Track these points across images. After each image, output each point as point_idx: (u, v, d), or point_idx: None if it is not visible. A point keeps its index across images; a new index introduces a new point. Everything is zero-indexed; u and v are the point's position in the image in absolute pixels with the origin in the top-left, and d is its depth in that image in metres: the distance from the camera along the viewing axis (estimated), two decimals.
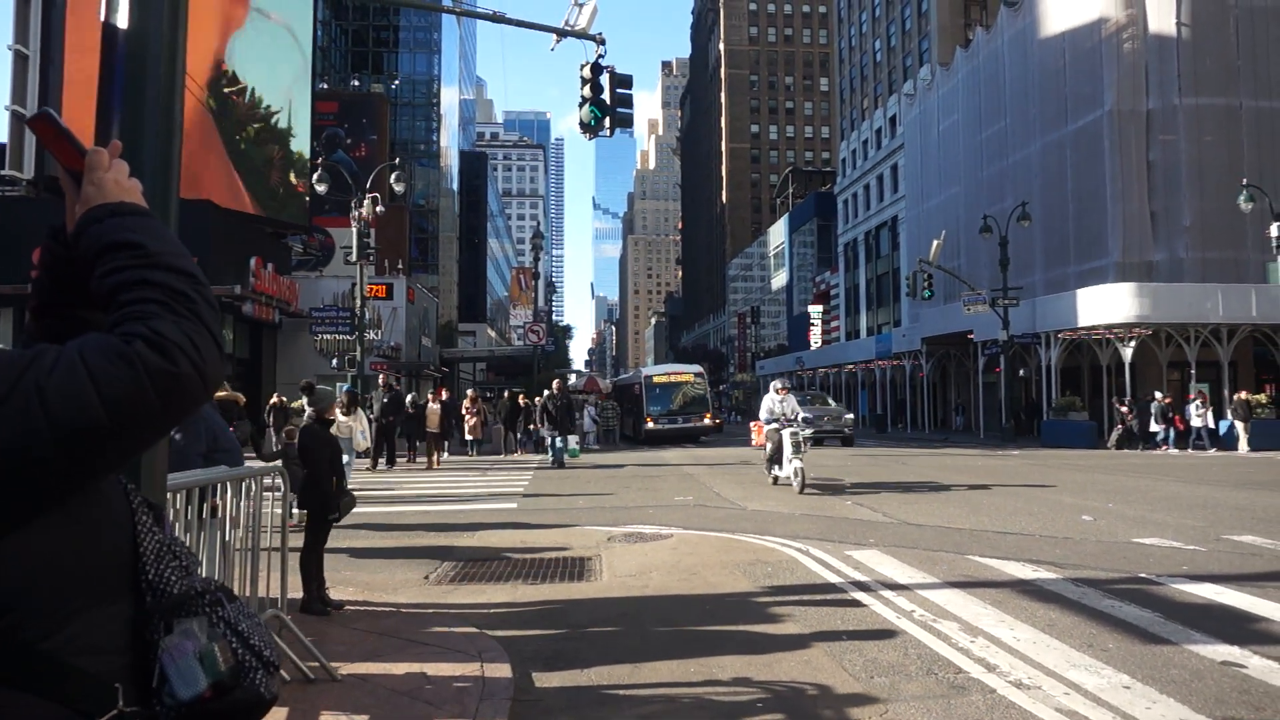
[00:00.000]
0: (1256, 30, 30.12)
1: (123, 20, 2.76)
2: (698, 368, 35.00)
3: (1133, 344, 26.15)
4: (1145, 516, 10.31)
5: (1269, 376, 26.38)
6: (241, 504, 4.74)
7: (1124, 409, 24.36)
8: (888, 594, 6.40)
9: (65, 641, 1.06)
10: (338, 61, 63.38)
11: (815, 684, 4.52)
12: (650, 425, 30.36)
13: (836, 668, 4.77)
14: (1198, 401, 23.53)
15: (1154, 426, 23.74)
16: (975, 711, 4.09)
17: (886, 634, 5.42)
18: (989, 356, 31.89)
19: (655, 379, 32.18)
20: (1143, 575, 6.95)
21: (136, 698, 1.12)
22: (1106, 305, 26.66)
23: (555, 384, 20.99)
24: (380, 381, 16.57)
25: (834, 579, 6.97)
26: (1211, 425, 23.27)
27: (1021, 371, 31.01)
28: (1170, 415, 23.65)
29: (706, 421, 31.38)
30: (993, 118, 37.79)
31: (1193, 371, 26.38)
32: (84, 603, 1.09)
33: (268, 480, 5.18)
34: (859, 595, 6.40)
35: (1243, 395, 23.06)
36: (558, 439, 19.18)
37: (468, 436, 22.72)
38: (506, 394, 26.74)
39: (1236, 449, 22.40)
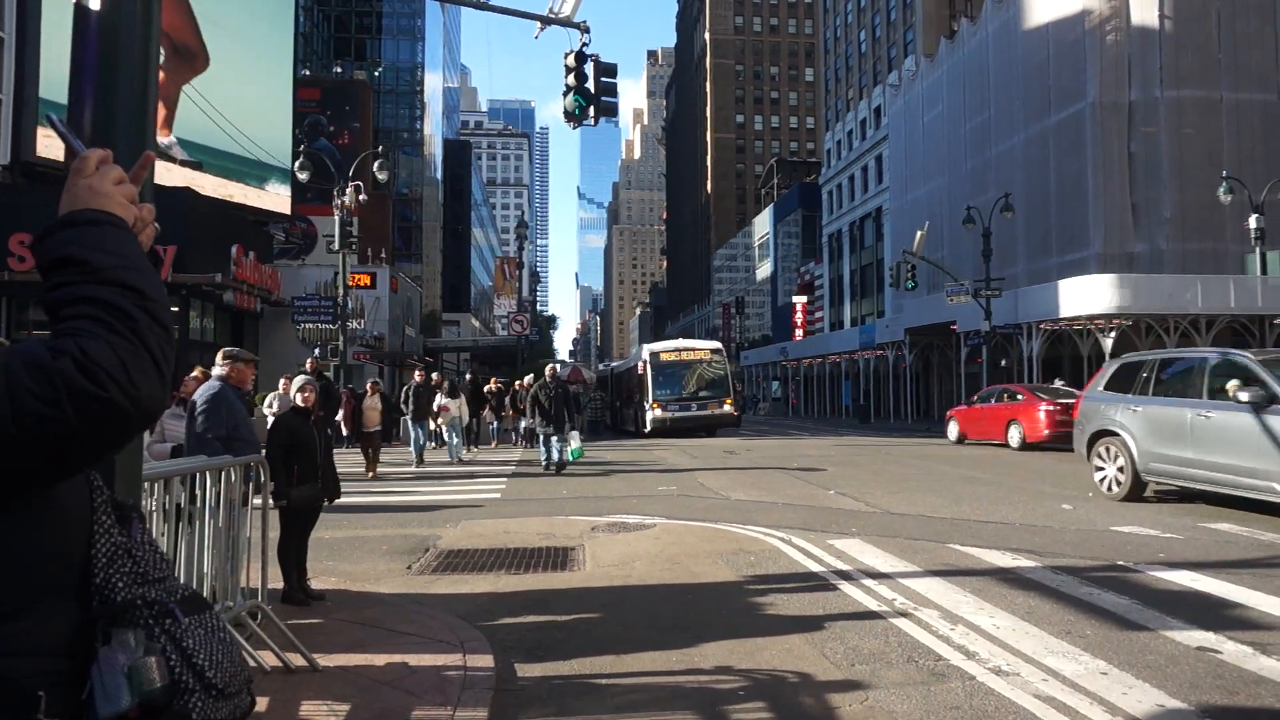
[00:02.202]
0: (1237, 23, 30.37)
1: (95, 2, 2.72)
2: (715, 344, 28.40)
3: (1113, 335, 26.36)
4: (1123, 505, 10.41)
5: None
6: (221, 493, 4.71)
7: None
8: (869, 583, 6.43)
9: None
10: (320, 48, 62.72)
11: (797, 672, 4.55)
12: (656, 413, 25.00)
13: (818, 656, 4.79)
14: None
15: None
16: (955, 698, 4.12)
17: (868, 622, 5.45)
18: (971, 347, 32.07)
19: (663, 356, 26.67)
20: (1120, 563, 7.03)
21: (71, 708, 1.06)
22: (1087, 296, 26.85)
23: (548, 370, 16.94)
24: (308, 368, 15.32)
25: (816, 568, 7.00)
26: None
27: (1003, 362, 31.20)
28: None
29: (727, 408, 25.86)
30: (977, 109, 37.94)
31: None
32: (18, 604, 1.03)
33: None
34: (841, 584, 6.43)
35: None
36: (553, 437, 15.57)
37: (433, 428, 20.25)
38: (468, 376, 23.91)
39: None
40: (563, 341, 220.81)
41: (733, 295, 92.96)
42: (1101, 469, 10.95)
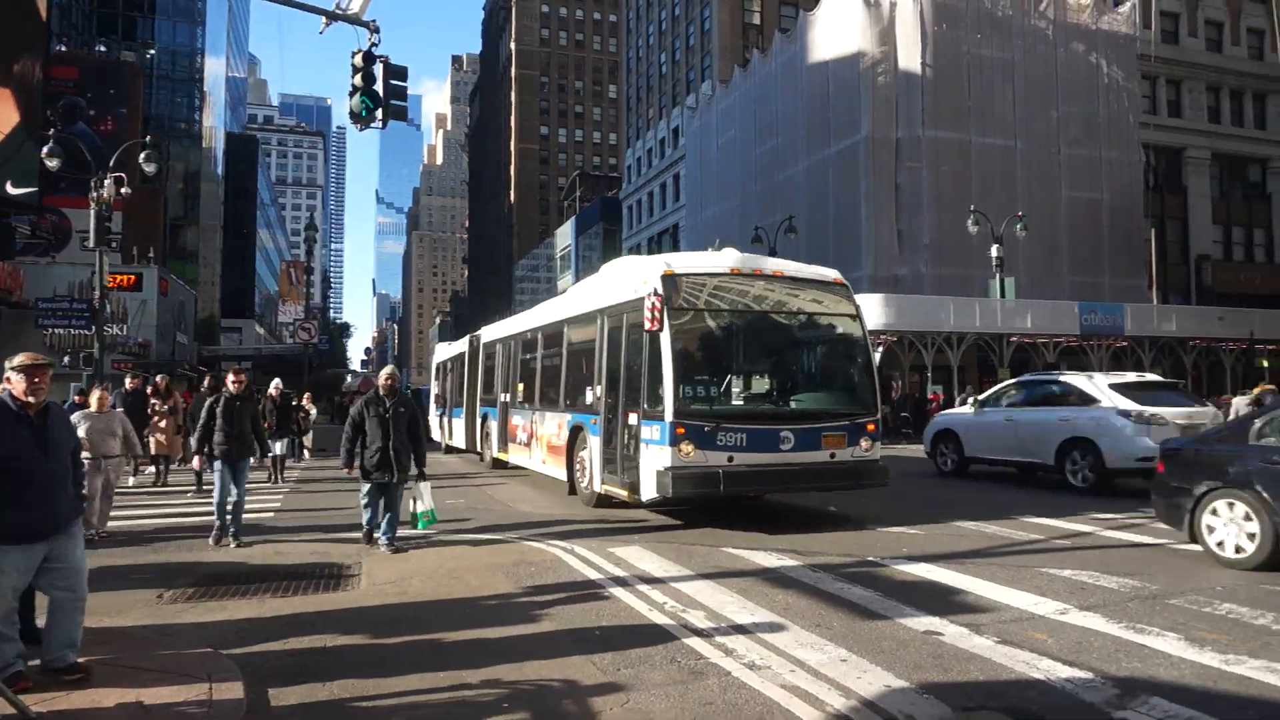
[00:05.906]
0: (985, 76, 34.22)
1: None
2: (834, 273, 11.42)
3: (880, 349, 28.84)
4: (877, 506, 11.37)
5: (990, 380, 30.07)
6: None
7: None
8: (644, 588, 6.63)
9: None
10: (80, 22, 56.54)
11: (564, 680, 4.61)
12: (686, 453, 8.88)
13: (585, 662, 4.88)
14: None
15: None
16: (710, 694, 4.33)
17: (638, 627, 5.61)
18: None
19: (707, 293, 9.93)
20: (870, 558, 7.68)
21: None
22: None
23: (384, 377, 9.12)
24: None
25: (595, 576, 7.12)
26: None
27: None
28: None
29: (863, 449, 9.73)
30: (766, 136, 40.31)
31: (929, 374, 29.51)
32: None
33: None
34: (616, 591, 6.59)
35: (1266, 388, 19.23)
36: (386, 487, 8.65)
37: (153, 451, 15.04)
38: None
39: None
40: (356, 350, 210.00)
41: (535, 305, 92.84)
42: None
